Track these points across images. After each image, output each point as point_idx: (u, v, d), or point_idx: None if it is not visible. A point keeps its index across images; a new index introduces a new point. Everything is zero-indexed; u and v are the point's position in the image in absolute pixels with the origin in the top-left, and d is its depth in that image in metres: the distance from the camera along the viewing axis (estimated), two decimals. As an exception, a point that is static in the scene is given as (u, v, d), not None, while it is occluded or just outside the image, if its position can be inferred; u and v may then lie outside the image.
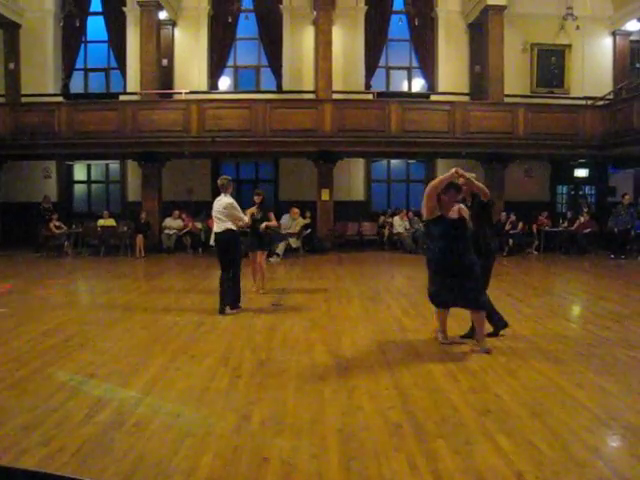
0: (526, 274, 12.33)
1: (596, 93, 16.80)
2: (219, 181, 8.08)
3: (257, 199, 9.29)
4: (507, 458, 3.44)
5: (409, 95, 18.31)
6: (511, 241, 15.56)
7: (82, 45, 18.43)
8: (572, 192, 19.65)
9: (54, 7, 17.80)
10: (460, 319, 6.60)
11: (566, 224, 16.34)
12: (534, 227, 16.33)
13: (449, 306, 5.98)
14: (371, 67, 18.25)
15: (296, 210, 15.68)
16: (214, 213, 7.94)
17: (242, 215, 8.11)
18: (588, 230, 15.87)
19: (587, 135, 15.76)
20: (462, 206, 5.83)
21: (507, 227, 15.68)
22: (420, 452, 3.53)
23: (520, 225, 15.88)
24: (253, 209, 9.09)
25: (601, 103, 16.42)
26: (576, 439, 3.71)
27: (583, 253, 15.44)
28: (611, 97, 16.86)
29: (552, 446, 3.60)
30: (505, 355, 5.65)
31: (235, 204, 7.89)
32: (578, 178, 19.34)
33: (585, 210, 16.38)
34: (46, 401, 4.35)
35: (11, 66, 17.49)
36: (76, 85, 18.55)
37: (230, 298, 7.86)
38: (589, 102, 16.41)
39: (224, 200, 7.84)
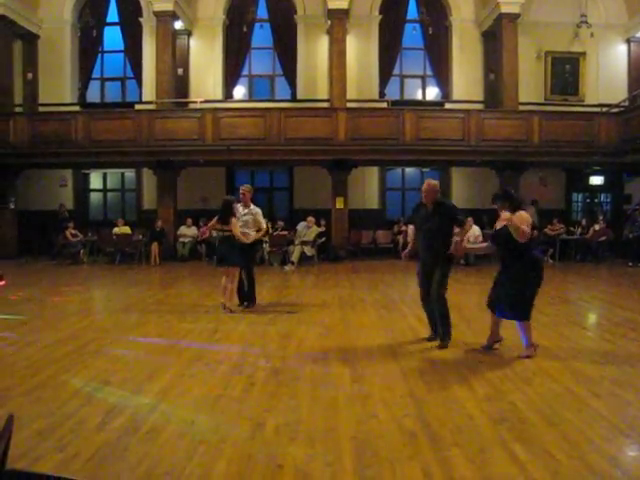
0: (541, 282, 12.22)
1: (611, 100, 16.70)
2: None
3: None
4: (523, 467, 3.40)
5: (423, 103, 18.33)
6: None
7: (99, 55, 18.66)
8: (587, 200, 19.51)
9: (72, 18, 18.05)
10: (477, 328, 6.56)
11: (579, 231, 16.21)
12: (547, 231, 16.15)
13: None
14: (385, 75, 18.28)
15: (311, 218, 15.68)
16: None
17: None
18: (604, 238, 15.70)
19: (602, 142, 15.64)
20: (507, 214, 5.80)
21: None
22: (435, 460, 3.50)
23: (535, 233, 15.74)
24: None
25: (616, 110, 16.32)
26: (593, 448, 3.66)
27: (598, 261, 15.29)
28: (626, 104, 16.76)
29: (569, 455, 3.55)
30: (521, 363, 5.60)
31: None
32: (593, 186, 19.22)
33: (600, 218, 16.23)
34: (61, 407, 4.37)
35: (29, 76, 17.76)
36: (93, 94, 18.77)
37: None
38: (604, 109, 16.31)
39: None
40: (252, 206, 8.96)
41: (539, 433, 3.91)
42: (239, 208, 8.90)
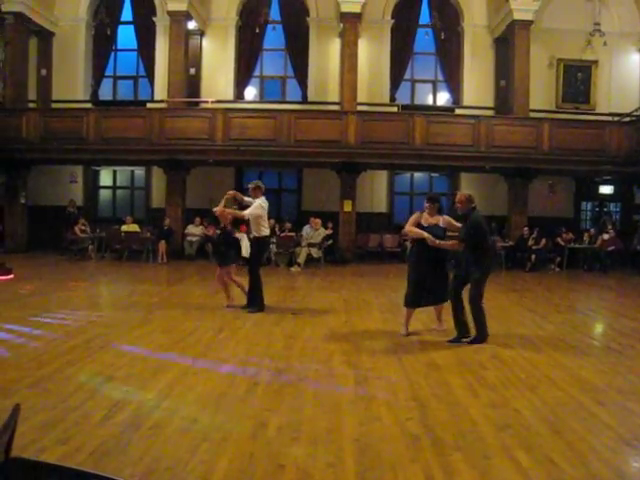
0: (548, 290, 12.18)
1: (622, 109, 16.59)
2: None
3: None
4: (525, 474, 3.39)
5: (434, 108, 18.27)
6: (533, 257, 15.37)
7: (112, 53, 18.71)
8: (597, 209, 19.42)
9: (87, 16, 18.13)
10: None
11: (587, 240, 16.10)
12: (560, 241, 16.02)
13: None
14: (396, 80, 18.26)
15: (318, 220, 15.68)
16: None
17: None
18: (612, 248, 15.60)
19: (613, 152, 15.51)
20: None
21: (530, 243, 15.52)
22: (437, 465, 3.49)
23: (543, 241, 15.67)
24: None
25: (627, 119, 16.20)
26: (597, 458, 3.64)
27: (606, 271, 15.19)
28: (638, 114, 16.64)
29: (572, 464, 3.54)
30: (525, 370, 5.59)
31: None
32: (603, 195, 19.13)
33: (610, 227, 16.13)
34: (65, 401, 4.39)
35: (43, 72, 17.85)
36: (105, 92, 18.83)
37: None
38: (615, 118, 16.21)
39: None
40: (257, 200, 8.66)
41: (543, 441, 3.89)
42: None
